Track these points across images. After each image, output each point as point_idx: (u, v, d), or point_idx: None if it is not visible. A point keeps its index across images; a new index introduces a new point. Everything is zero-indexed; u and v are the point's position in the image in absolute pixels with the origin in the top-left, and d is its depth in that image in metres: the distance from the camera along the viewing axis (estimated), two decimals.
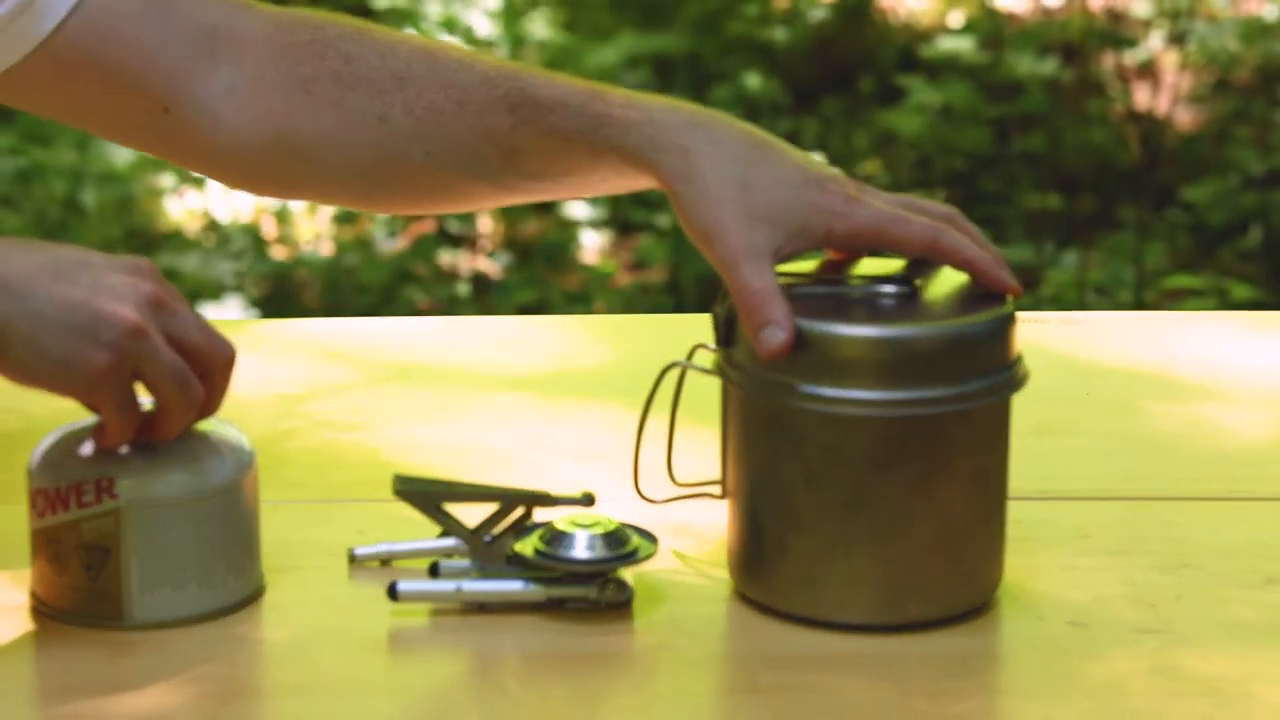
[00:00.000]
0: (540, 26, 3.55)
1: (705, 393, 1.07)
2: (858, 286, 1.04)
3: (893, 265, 1.07)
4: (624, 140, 1.05)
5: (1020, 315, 1.05)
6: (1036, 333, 1.40)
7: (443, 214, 1.14)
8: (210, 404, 1.00)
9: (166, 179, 3.36)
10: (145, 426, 0.99)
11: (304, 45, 1.12)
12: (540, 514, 1.05)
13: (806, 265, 1.07)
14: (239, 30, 1.13)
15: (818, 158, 1.03)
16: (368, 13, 3.57)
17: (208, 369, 0.99)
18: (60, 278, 0.95)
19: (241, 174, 1.16)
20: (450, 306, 3.12)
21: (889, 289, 1.03)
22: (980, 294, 1.04)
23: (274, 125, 1.12)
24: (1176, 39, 3.62)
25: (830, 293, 1.04)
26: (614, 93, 1.08)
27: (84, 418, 1.05)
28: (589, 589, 1.02)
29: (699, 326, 1.06)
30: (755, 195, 1.02)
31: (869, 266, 1.07)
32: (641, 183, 1.08)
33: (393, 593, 1.03)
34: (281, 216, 3.32)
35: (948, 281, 1.06)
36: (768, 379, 1.01)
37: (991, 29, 3.67)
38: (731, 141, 1.03)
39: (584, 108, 1.07)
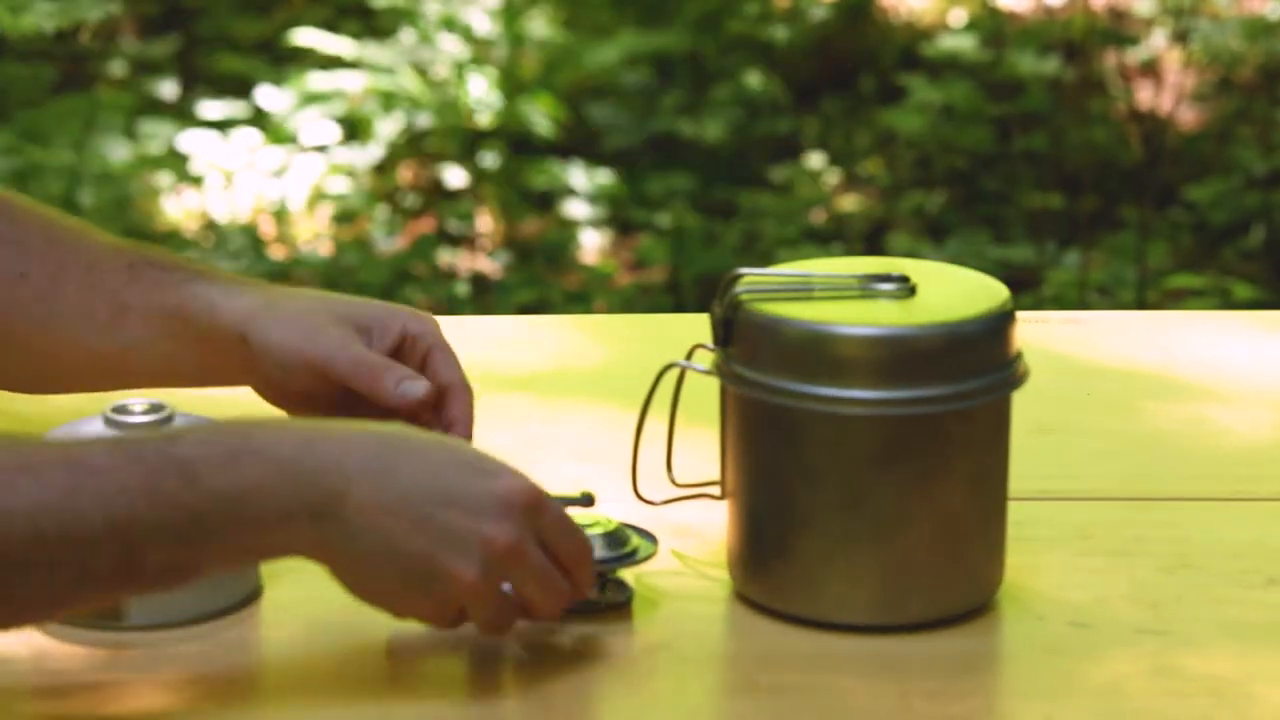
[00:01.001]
0: (540, 25, 3.55)
1: (704, 393, 1.06)
2: (855, 285, 1.03)
3: (891, 264, 1.06)
4: (206, 281, 1.07)
5: (1020, 314, 1.04)
6: (1038, 332, 1.40)
7: (41, 392, 1.09)
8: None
9: (164, 178, 3.36)
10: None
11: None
12: None
13: (804, 265, 1.07)
14: None
15: (818, 158, 1.02)
16: (367, 12, 3.57)
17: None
18: (404, 522, 0.89)
19: None
20: (450, 306, 3.12)
21: (887, 287, 1.03)
22: (979, 292, 1.04)
23: None
24: (1179, 37, 3.61)
25: (828, 291, 1.03)
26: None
27: (78, 418, 1.04)
28: (589, 590, 1.02)
29: (698, 326, 1.06)
30: (333, 305, 1.06)
31: (867, 265, 1.07)
32: (231, 356, 1.06)
33: None
34: (280, 216, 3.32)
35: (947, 279, 1.06)
36: (766, 379, 1.01)
37: (993, 28, 3.66)
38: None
39: (193, 272, 1.07)
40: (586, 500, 1.04)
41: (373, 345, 1.05)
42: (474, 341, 1.45)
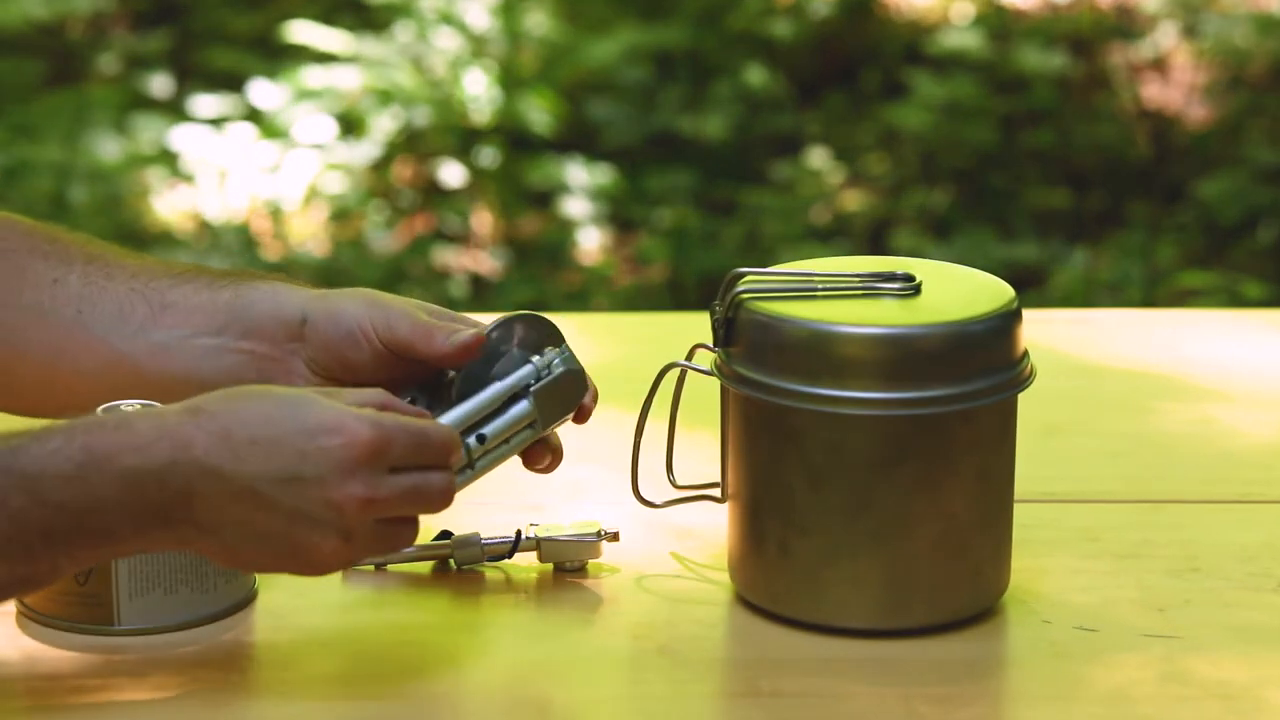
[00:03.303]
0: (538, 20, 3.54)
1: (705, 393, 1.05)
2: (859, 284, 1.02)
3: (895, 263, 1.05)
4: (263, 280, 1.07)
5: (1026, 314, 1.03)
6: (1044, 332, 1.39)
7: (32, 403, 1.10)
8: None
9: (156, 176, 3.35)
10: None
11: (16, 226, 1.11)
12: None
13: (806, 264, 1.06)
14: None
15: (820, 155, 1.00)
16: (362, 7, 3.55)
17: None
18: (255, 508, 0.91)
19: None
20: (447, 306, 3.10)
21: (891, 286, 1.02)
22: (985, 291, 1.03)
23: None
24: (1188, 33, 3.60)
25: (831, 291, 1.02)
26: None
27: (72, 419, 1.03)
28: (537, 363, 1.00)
29: (699, 326, 1.05)
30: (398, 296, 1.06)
31: (870, 264, 1.05)
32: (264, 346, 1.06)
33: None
34: (274, 214, 3.31)
35: (951, 278, 1.05)
36: (768, 379, 0.99)
37: (998, 24, 3.65)
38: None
39: (249, 274, 1.08)
40: None
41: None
42: None
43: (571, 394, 1.01)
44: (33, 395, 1.06)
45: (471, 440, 0.98)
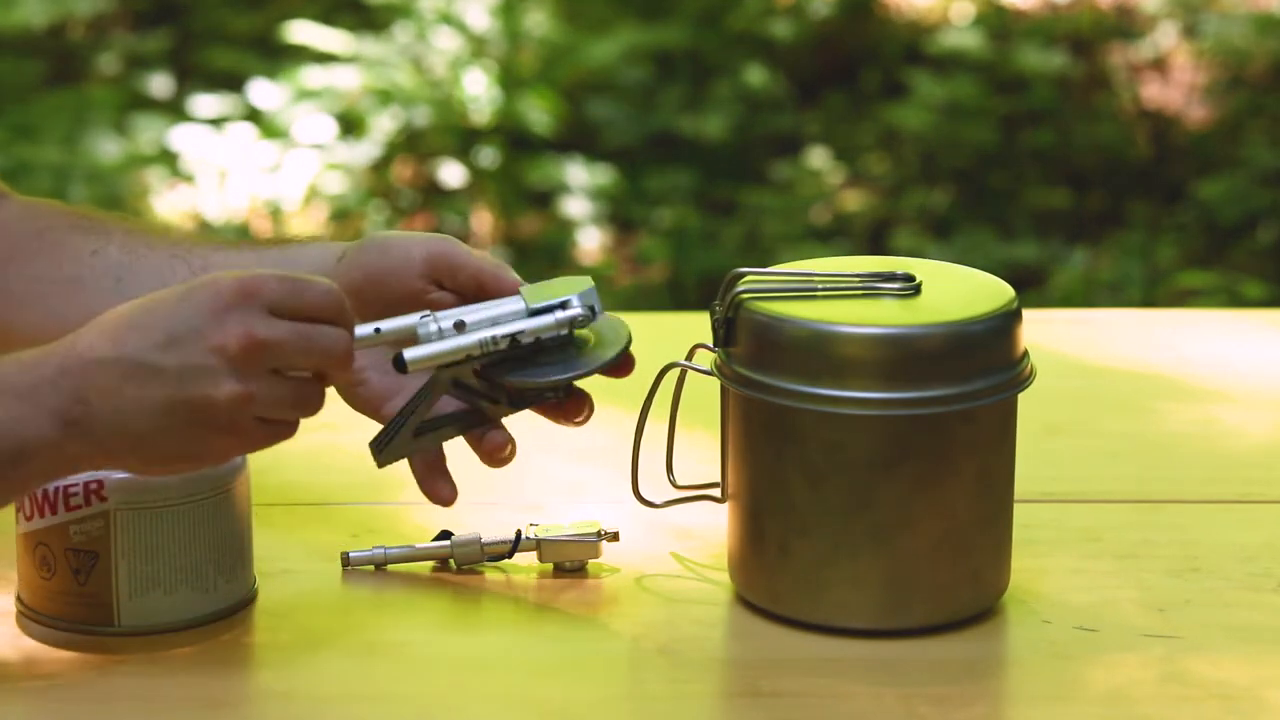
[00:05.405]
0: (538, 20, 3.54)
1: (705, 393, 1.05)
2: (859, 284, 1.02)
3: (895, 263, 1.05)
4: (308, 242, 1.09)
5: (1026, 314, 1.03)
6: (1044, 332, 1.39)
7: None
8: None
9: (156, 175, 3.35)
10: None
11: (51, 207, 1.12)
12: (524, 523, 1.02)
13: (806, 264, 1.06)
14: None
15: (820, 155, 1.01)
16: (362, 7, 3.55)
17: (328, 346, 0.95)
18: (147, 379, 0.91)
19: None
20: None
21: (891, 286, 1.02)
22: (985, 291, 1.03)
23: None
24: (1188, 33, 3.60)
25: (831, 291, 1.02)
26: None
27: None
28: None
29: (699, 326, 1.05)
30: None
31: (870, 264, 1.05)
32: None
33: (399, 362, 0.99)
34: (274, 214, 3.31)
35: (951, 278, 1.05)
36: (768, 379, 0.99)
37: (998, 23, 3.65)
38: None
39: (298, 240, 1.09)
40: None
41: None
42: None
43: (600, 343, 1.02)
44: None
45: (448, 324, 0.99)
